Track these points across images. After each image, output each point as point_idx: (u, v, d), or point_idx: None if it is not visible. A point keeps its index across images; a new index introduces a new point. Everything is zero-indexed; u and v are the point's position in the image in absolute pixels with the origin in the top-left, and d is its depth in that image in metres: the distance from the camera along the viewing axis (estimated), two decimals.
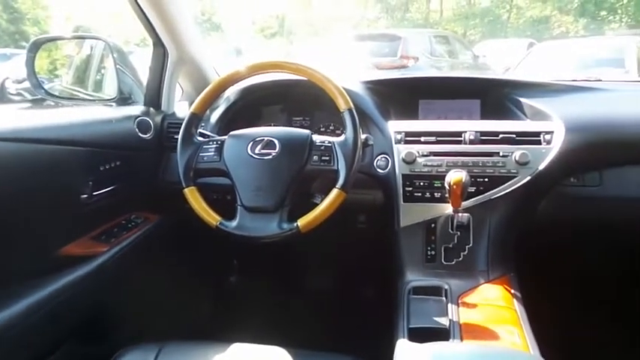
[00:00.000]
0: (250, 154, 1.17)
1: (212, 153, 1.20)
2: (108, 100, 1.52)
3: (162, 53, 1.49)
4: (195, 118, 1.23)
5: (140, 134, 1.43)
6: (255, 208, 1.13)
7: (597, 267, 1.57)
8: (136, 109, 1.47)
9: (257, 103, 1.59)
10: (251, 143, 1.18)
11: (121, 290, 1.39)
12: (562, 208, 1.31)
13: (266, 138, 1.18)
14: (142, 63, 1.57)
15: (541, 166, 1.21)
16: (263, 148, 1.17)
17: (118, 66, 1.45)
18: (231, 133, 1.23)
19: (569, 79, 1.62)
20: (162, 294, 1.58)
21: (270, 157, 1.15)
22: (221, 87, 1.26)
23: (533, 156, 1.22)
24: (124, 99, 1.48)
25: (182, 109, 1.59)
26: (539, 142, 1.25)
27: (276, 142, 1.17)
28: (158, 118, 1.51)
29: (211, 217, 1.15)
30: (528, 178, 1.21)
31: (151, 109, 1.51)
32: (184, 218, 1.26)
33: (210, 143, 1.22)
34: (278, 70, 1.24)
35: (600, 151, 1.26)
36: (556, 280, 1.50)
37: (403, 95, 1.54)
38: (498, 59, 8.95)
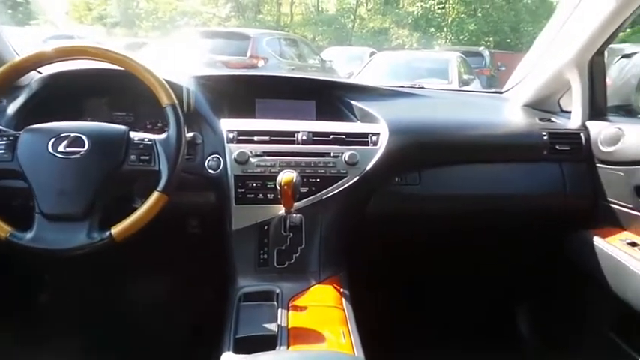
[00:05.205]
0: (52, 152, 1.01)
1: (2, 151, 1.02)
2: None
3: None
4: None
5: None
6: (58, 215, 0.99)
7: (423, 260, 1.69)
8: None
9: (72, 95, 1.39)
10: (53, 140, 1.02)
11: None
12: (389, 206, 1.38)
13: (72, 134, 1.03)
14: None
15: (368, 167, 1.25)
16: (69, 146, 1.02)
17: None
18: (29, 127, 1.06)
19: (397, 85, 1.73)
20: None
21: (78, 156, 1.01)
22: (17, 71, 1.08)
23: (361, 157, 1.26)
24: None
25: None
26: (367, 144, 1.29)
27: (84, 138, 1.03)
28: None
29: None
30: (357, 178, 1.24)
31: None
32: None
33: (0, 139, 1.02)
34: (89, 57, 1.10)
35: (418, 152, 1.35)
36: (385, 276, 1.57)
37: (239, 93, 1.49)
38: (344, 65, 9.48)
